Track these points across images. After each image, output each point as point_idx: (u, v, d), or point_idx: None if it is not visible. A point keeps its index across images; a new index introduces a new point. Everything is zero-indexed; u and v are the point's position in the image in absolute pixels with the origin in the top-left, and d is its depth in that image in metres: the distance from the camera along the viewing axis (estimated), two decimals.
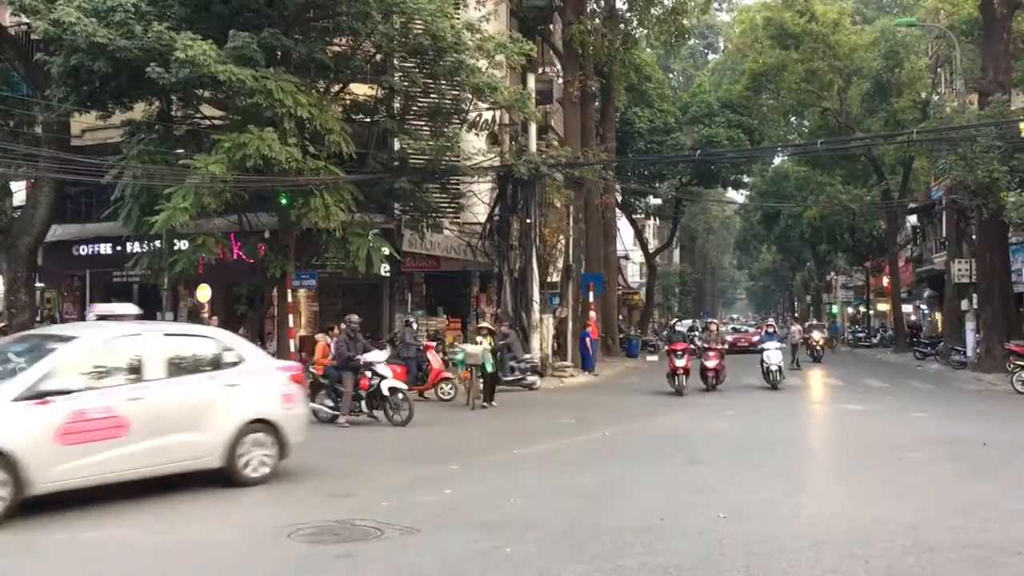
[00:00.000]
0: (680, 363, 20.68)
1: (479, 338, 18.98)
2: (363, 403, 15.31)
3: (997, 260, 28.00)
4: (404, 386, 15.65)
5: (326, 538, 7.26)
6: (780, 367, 22.45)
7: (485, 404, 17.96)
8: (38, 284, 26.86)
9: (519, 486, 9.63)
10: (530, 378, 22.04)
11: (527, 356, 22.77)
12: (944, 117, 29.11)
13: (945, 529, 7.74)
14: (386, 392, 15.03)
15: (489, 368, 18.10)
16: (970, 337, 30.56)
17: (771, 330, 24.94)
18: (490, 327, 20.17)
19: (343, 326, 16.28)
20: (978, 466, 10.84)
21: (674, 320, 41.81)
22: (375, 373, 15.21)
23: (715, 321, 27.88)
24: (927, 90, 42.56)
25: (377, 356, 15.39)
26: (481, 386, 18.08)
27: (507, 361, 21.33)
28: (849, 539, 7.35)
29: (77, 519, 7.95)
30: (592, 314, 29.66)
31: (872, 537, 7.39)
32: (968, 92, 31.36)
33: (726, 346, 24.54)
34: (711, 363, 21.52)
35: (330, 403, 15.43)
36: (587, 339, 27.86)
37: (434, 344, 22.61)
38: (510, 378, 21.30)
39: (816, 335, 36.27)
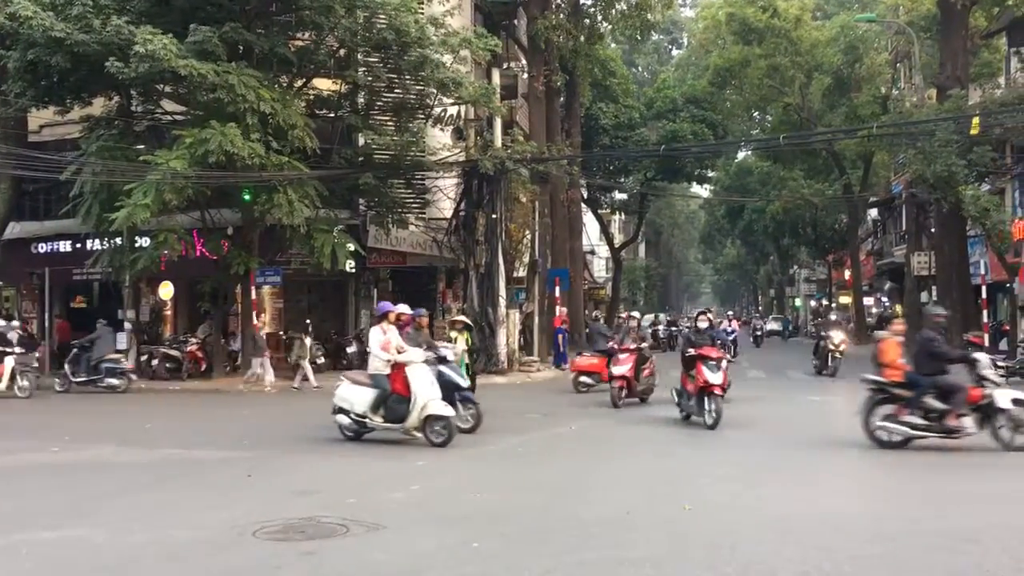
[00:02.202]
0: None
1: (453, 334, 16.50)
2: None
3: (955, 253, 28.44)
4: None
5: (291, 535, 7.22)
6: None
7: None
8: None
9: (486, 481, 9.63)
10: None
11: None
12: (903, 112, 29.50)
13: (906, 520, 7.85)
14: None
15: (465, 372, 14.68)
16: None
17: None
18: (467, 321, 18.12)
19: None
20: (939, 457, 11.01)
21: (625, 314, 26.70)
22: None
23: (635, 316, 19.72)
24: (887, 85, 43.11)
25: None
26: None
27: None
28: (813, 530, 7.43)
29: (36, 518, 7.84)
30: (563, 309, 29.07)
31: (835, 528, 7.47)
32: (927, 87, 31.84)
33: (647, 344, 18.09)
34: (619, 369, 16.46)
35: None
36: (561, 335, 27.68)
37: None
38: None
39: (835, 336, 25.09)
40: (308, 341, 21.05)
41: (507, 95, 28.51)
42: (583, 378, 19.47)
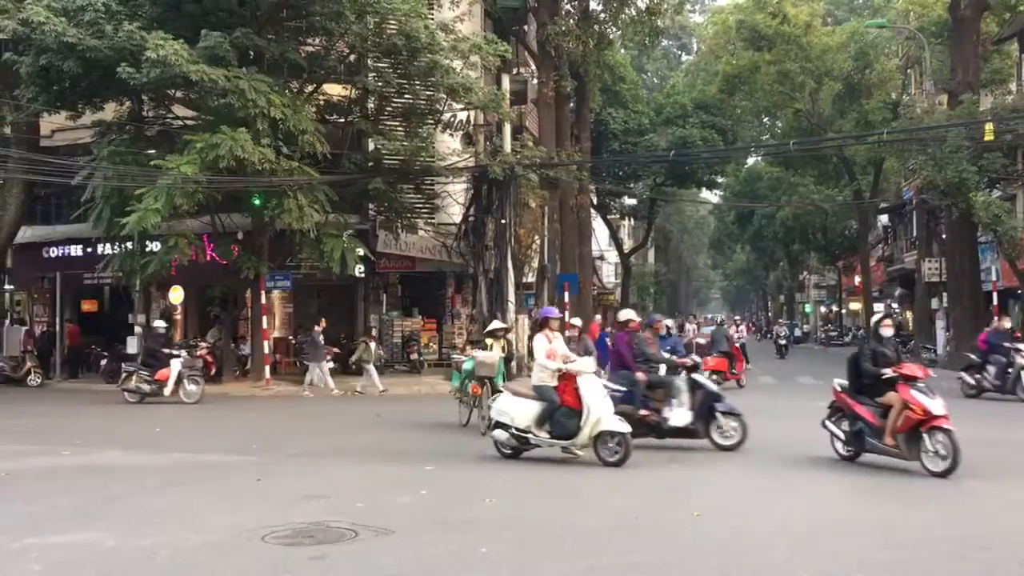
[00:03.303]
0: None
1: (489, 340, 14.87)
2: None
3: (966, 259, 28.31)
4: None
5: (300, 540, 7.22)
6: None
7: None
8: (7, 286, 26.58)
9: (495, 486, 9.63)
10: None
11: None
12: (914, 118, 29.40)
13: (915, 526, 7.82)
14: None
15: (501, 381, 13.76)
16: (940, 335, 30.92)
17: (664, 332, 14.67)
18: (505, 327, 16.63)
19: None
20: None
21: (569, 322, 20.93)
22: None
23: (575, 324, 16.07)
24: (897, 91, 43.00)
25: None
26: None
27: None
28: (821, 536, 7.40)
29: (46, 522, 7.87)
30: (598, 317, 29.54)
31: (844, 534, 7.45)
32: (938, 93, 31.73)
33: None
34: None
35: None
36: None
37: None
38: None
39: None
40: (373, 345, 21.09)
41: (517, 100, 28.57)
42: (715, 376, 18.87)
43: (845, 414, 10.72)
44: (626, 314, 13.04)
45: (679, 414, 11.76)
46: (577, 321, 14.63)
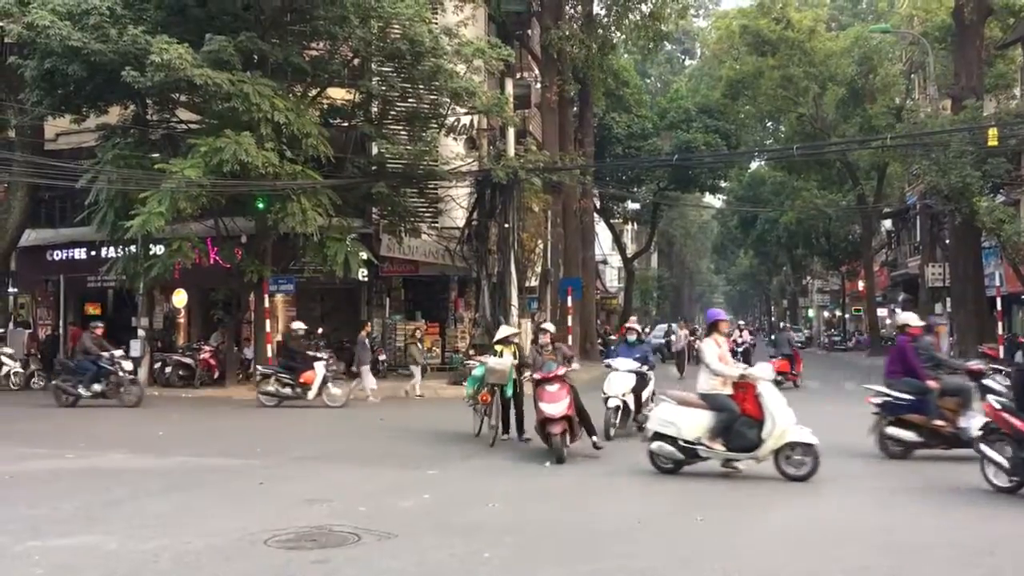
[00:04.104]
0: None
1: (499, 347, 13.69)
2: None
3: (970, 264, 28.30)
4: None
5: (303, 544, 7.22)
6: (627, 404, 13.49)
7: (506, 435, 13.20)
8: (11, 289, 26.62)
9: (497, 490, 9.62)
10: None
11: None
12: (918, 123, 29.42)
13: (919, 530, 7.81)
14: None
15: (509, 391, 13.10)
16: (944, 341, 30.87)
17: (632, 336, 14.72)
18: (516, 331, 15.36)
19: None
20: (953, 467, 10.93)
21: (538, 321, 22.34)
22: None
23: (548, 328, 13.32)
24: (901, 96, 43.00)
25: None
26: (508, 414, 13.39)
27: None
28: (824, 540, 7.39)
29: (49, 525, 7.88)
30: (633, 317, 29.54)
31: (847, 538, 7.44)
32: (941, 98, 31.74)
33: (574, 366, 12.44)
34: (552, 406, 11.35)
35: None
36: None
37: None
38: None
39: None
40: (421, 347, 21.05)
41: (520, 105, 28.59)
42: (780, 377, 20.15)
43: (1008, 437, 9.18)
44: (905, 317, 11.91)
45: (977, 423, 10.42)
46: (550, 326, 13.16)
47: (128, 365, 18.97)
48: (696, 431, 10.05)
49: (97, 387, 18.47)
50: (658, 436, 10.24)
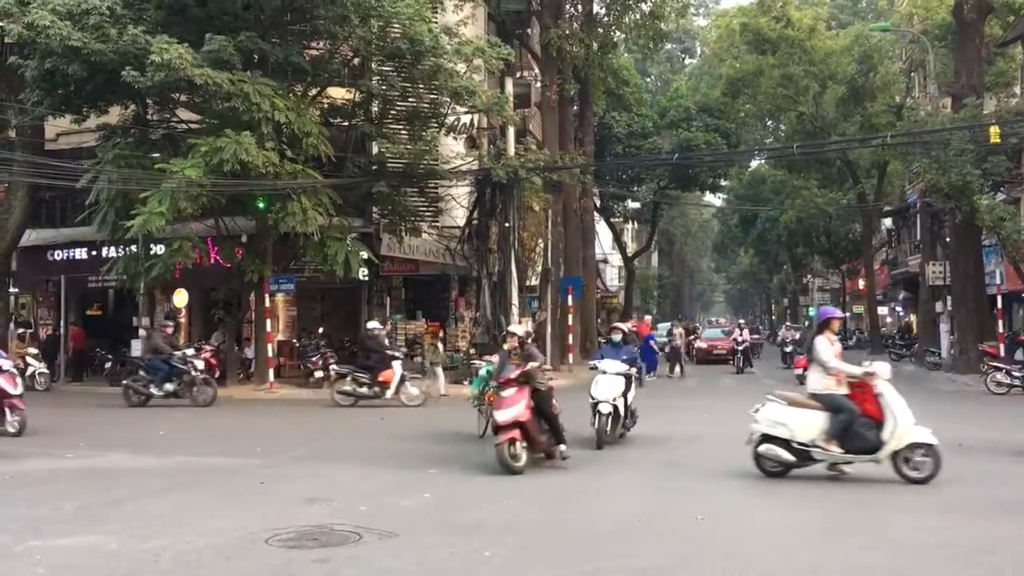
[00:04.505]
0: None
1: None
2: None
3: (970, 263, 28.27)
4: None
5: (304, 543, 7.23)
6: (617, 409, 12.61)
7: None
8: (12, 290, 26.63)
9: (498, 490, 9.61)
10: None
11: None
12: (918, 121, 29.37)
13: (920, 530, 7.81)
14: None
15: None
16: (944, 339, 30.87)
17: (617, 336, 13.86)
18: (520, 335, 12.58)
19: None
20: (954, 467, 10.93)
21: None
22: None
23: (513, 332, 11.89)
24: (901, 94, 42.96)
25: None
26: None
27: None
28: (825, 540, 7.40)
29: (50, 525, 7.89)
30: (648, 317, 29.93)
31: (848, 537, 7.44)
32: (941, 96, 31.70)
33: (534, 364, 10.84)
34: (504, 413, 10.38)
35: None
36: (652, 341, 27.83)
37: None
38: None
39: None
40: (441, 347, 21.01)
41: (520, 104, 28.59)
42: (799, 371, 21.70)
43: None
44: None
45: None
46: (518, 329, 11.88)
47: (200, 364, 18.87)
48: (810, 433, 9.71)
49: (169, 387, 18.38)
50: (767, 438, 9.88)
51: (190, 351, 19.11)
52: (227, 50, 18.39)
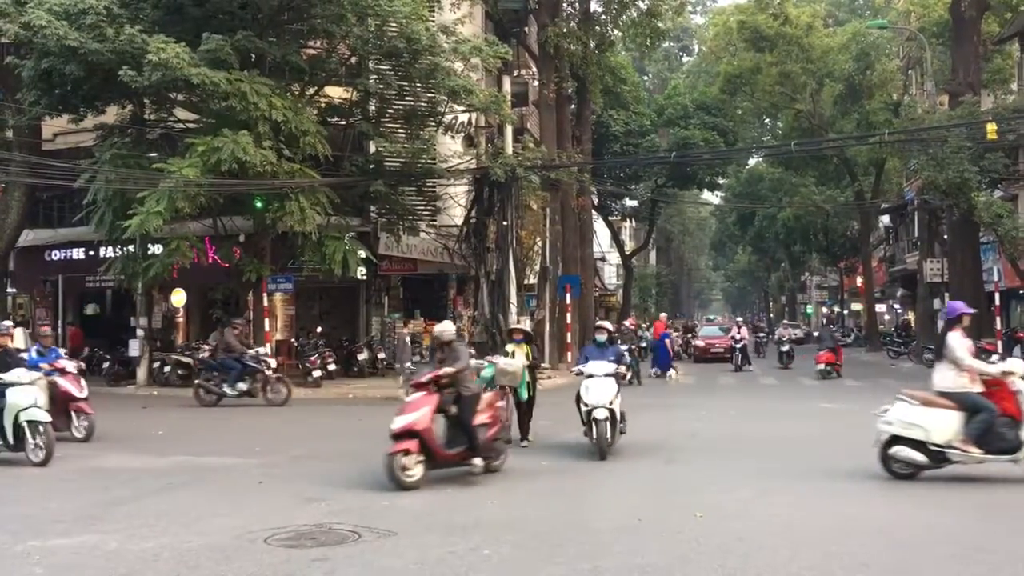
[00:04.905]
0: None
1: (510, 346, 12.77)
2: None
3: (968, 259, 28.30)
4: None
5: (303, 542, 7.23)
6: (614, 413, 11.64)
7: (525, 442, 12.69)
8: (10, 290, 26.60)
9: (496, 488, 9.61)
10: None
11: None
12: (915, 118, 29.41)
13: (920, 527, 7.81)
14: None
15: (524, 394, 12.63)
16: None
17: (602, 336, 12.88)
18: (527, 330, 13.48)
19: None
20: (953, 467, 10.94)
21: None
22: None
23: (440, 331, 10.44)
24: (899, 92, 43.00)
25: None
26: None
27: None
28: (825, 537, 7.40)
29: (48, 524, 7.88)
30: (663, 315, 32.13)
31: (847, 535, 7.44)
32: (939, 93, 31.74)
33: (460, 366, 9.98)
34: (397, 419, 9.37)
35: None
36: (667, 340, 28.10)
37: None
38: None
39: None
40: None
41: (518, 102, 28.57)
42: (828, 367, 25.49)
43: None
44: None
45: None
46: (446, 326, 10.60)
47: (273, 363, 18.79)
48: (946, 434, 9.39)
49: (243, 386, 18.32)
50: (897, 439, 9.57)
51: (263, 349, 19.12)
52: (224, 49, 18.36)
